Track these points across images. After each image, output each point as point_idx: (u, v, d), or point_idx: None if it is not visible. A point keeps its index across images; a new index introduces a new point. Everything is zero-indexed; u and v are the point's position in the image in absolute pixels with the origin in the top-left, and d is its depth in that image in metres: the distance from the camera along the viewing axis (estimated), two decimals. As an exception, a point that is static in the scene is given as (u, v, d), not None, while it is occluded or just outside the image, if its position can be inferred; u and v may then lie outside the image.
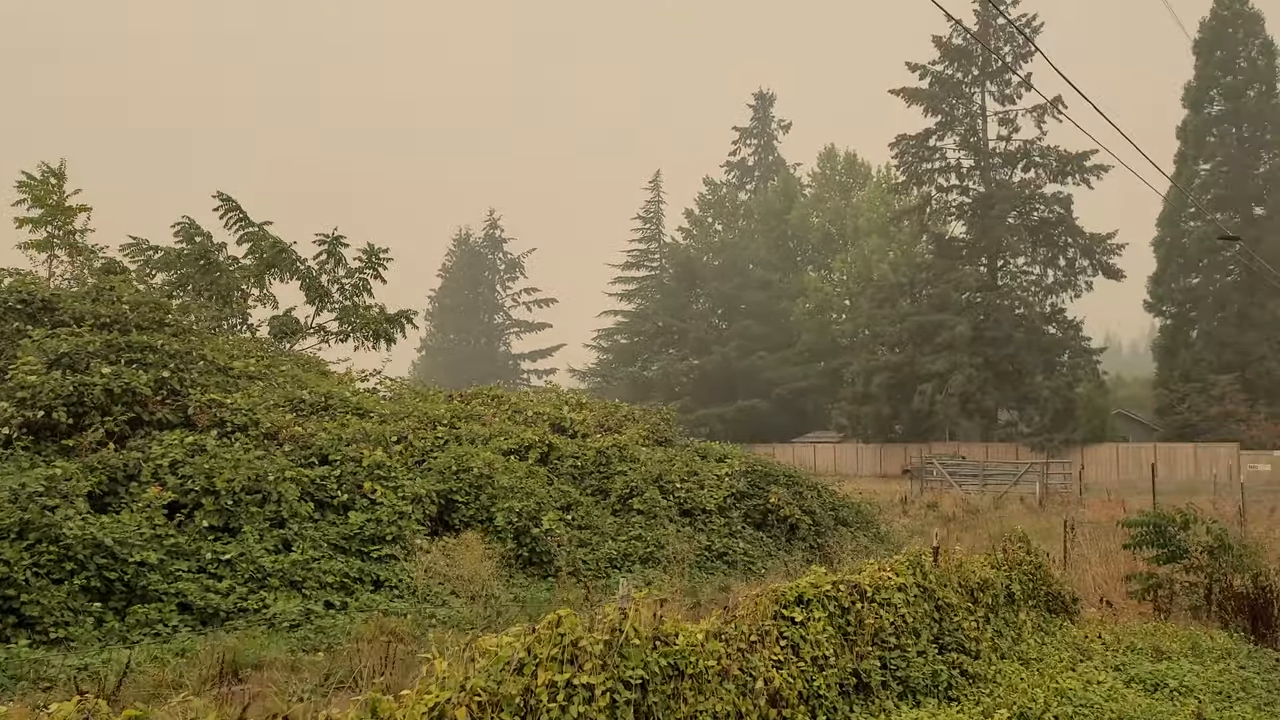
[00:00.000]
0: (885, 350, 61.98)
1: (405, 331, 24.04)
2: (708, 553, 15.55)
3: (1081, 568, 12.82)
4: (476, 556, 12.39)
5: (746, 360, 70.95)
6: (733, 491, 17.39)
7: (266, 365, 17.35)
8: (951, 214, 64.59)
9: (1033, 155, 60.10)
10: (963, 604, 8.13)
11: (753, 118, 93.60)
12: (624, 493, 16.34)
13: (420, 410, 17.04)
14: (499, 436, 17.06)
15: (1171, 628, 10.21)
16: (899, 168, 65.86)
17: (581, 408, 20.66)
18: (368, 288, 23.94)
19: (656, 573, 14.15)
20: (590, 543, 14.63)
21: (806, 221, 79.26)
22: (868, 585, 7.18)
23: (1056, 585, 10.28)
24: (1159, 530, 12.08)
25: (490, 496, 14.27)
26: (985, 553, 9.90)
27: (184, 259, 22.03)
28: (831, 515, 18.48)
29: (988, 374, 56.45)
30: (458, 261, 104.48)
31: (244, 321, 22.49)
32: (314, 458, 13.54)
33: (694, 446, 20.13)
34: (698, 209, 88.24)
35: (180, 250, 22.27)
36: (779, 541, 17.06)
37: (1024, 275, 61.54)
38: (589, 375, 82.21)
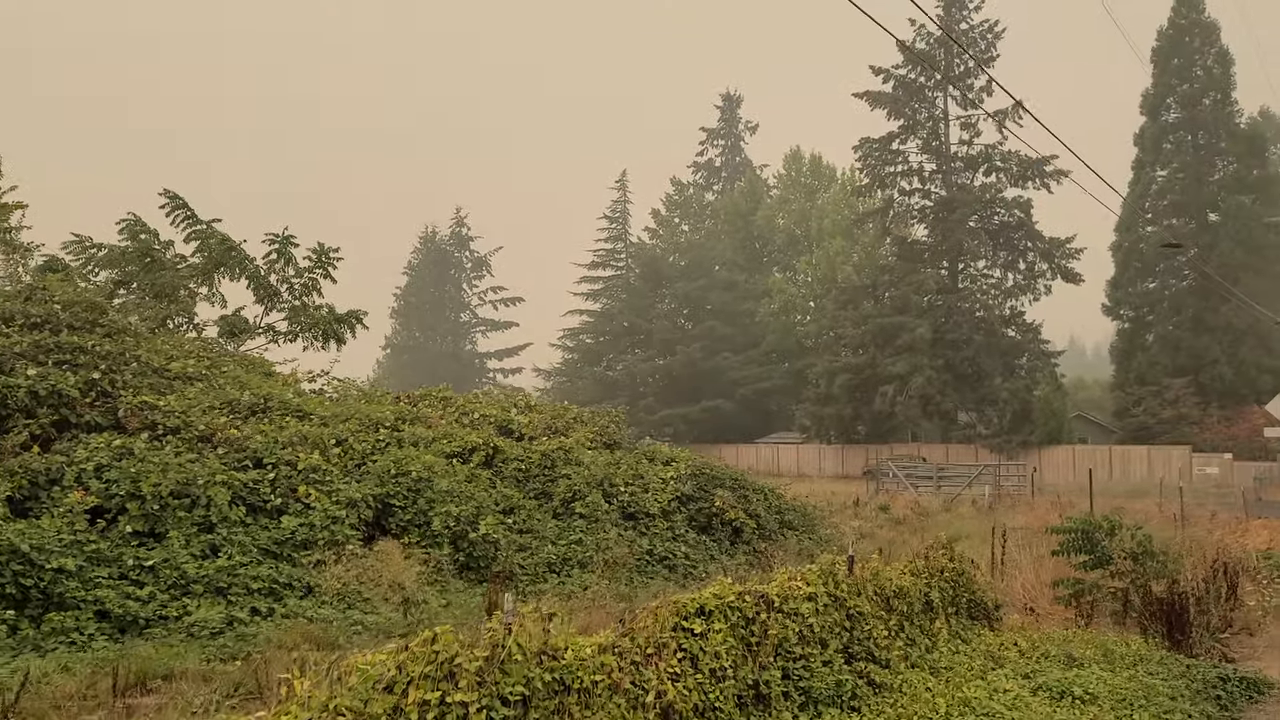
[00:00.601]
0: (848, 352, 62.39)
1: (355, 332, 23.85)
2: (649, 557, 15.56)
3: (1012, 574, 12.95)
4: (398, 563, 12.32)
5: (711, 361, 71.13)
6: (678, 495, 17.41)
7: (208, 366, 17.14)
8: (914, 217, 65.15)
9: (994, 160, 60.72)
10: (876, 613, 8.18)
11: (720, 119, 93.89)
12: (567, 496, 16.31)
13: (362, 413, 16.90)
14: (443, 439, 16.97)
15: (1090, 634, 10.34)
16: (862, 170, 66.33)
17: (531, 410, 20.61)
18: (317, 287, 23.72)
19: (594, 577, 14.14)
20: (530, 547, 14.59)
21: (772, 223, 79.60)
22: (775, 595, 7.20)
23: (980, 592, 10.37)
24: (1086, 537, 12.25)
25: (428, 501, 14.19)
26: (906, 560, 9.98)
27: (127, 257, 21.72)
28: (776, 519, 18.55)
29: (948, 376, 56.97)
30: (424, 259, 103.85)
31: (190, 321, 22.21)
32: (248, 461, 13.39)
33: (642, 449, 20.13)
34: (664, 209, 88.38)
35: (124, 248, 21.95)
36: (722, 545, 17.11)
37: (984, 278, 62.20)
38: (554, 375, 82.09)
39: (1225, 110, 59.59)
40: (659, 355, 73.37)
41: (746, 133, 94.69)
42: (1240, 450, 49.92)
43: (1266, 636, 11.64)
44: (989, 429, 58.42)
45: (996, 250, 61.10)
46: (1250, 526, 23.66)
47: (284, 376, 19.70)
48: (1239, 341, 55.33)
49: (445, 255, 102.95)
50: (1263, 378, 53.32)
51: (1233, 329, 55.35)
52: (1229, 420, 53.07)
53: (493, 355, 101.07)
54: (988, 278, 62.15)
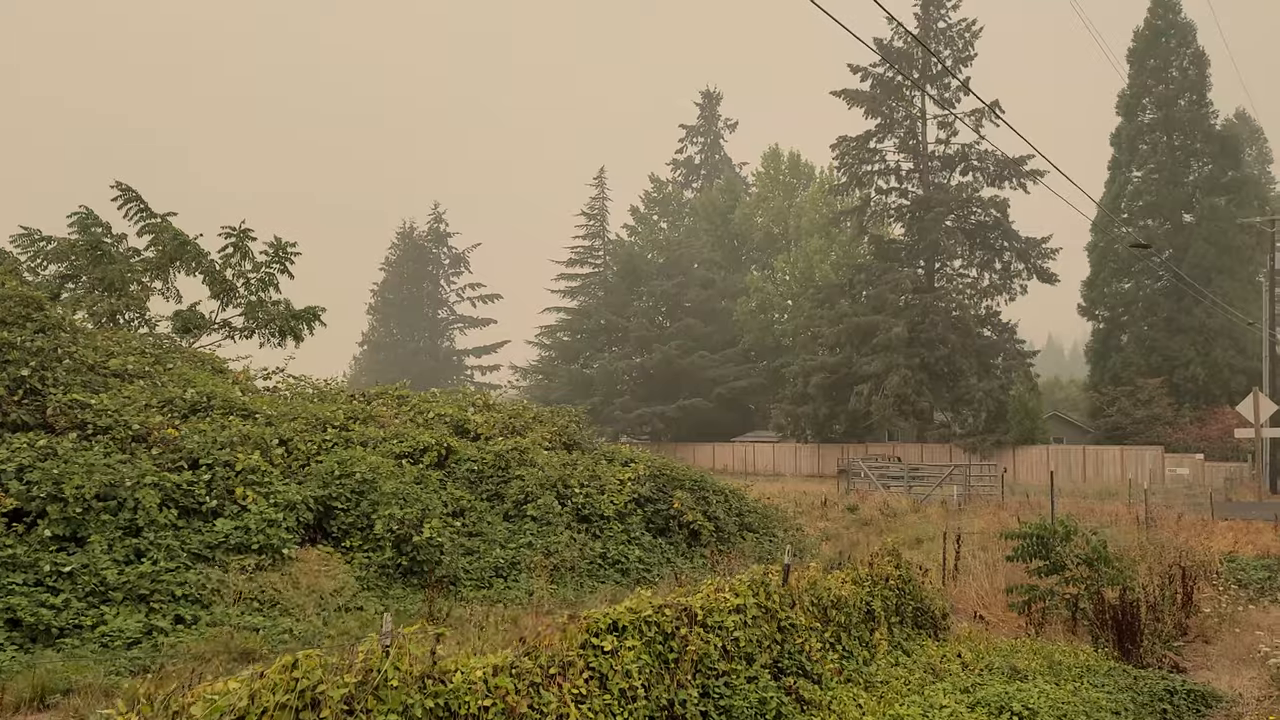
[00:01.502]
0: (825, 351, 62.25)
1: (312, 329, 23.37)
2: (601, 560, 15.21)
3: (967, 580, 12.69)
4: (337, 568, 11.93)
5: (688, 359, 70.87)
6: (635, 496, 17.07)
7: (152, 363, 16.66)
8: (891, 216, 65.03)
9: (971, 159, 60.68)
10: (811, 624, 7.87)
11: (699, 116, 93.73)
12: (519, 498, 15.94)
13: (310, 412, 16.46)
14: (393, 439, 16.56)
15: (1039, 644, 10.07)
16: (840, 169, 66.19)
17: (489, 409, 20.21)
18: (274, 283, 23.23)
19: (542, 582, 13.79)
20: (478, 550, 14.21)
21: (750, 221, 79.42)
22: (699, 608, 6.87)
23: (928, 600, 10.08)
24: (1040, 542, 12.00)
25: (372, 503, 13.79)
26: (848, 568, 9.68)
27: (76, 250, 21.18)
28: (736, 521, 18.24)
29: (923, 375, 56.88)
30: (401, 255, 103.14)
31: (142, 316, 21.68)
32: (183, 462, 12.95)
33: (602, 450, 19.78)
34: (643, 206, 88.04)
35: (73, 241, 21.41)
36: (679, 548, 16.78)
37: (960, 278, 62.15)
38: (530, 372, 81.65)
39: (1201, 111, 59.79)
40: (636, 353, 73.05)
41: (726, 130, 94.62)
42: (1212, 451, 50.08)
43: (1222, 644, 11.40)
44: (964, 429, 58.45)
45: (973, 250, 61.05)
46: (1216, 528, 23.56)
47: (236, 374, 19.23)
48: (1212, 342, 55.52)
49: (423, 252, 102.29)
50: (1235, 379, 53.54)
51: (1206, 330, 55.54)
52: (1202, 421, 53.25)
53: (470, 353, 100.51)
54: (964, 277, 62.12)
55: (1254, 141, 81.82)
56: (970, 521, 21.72)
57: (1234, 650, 10.91)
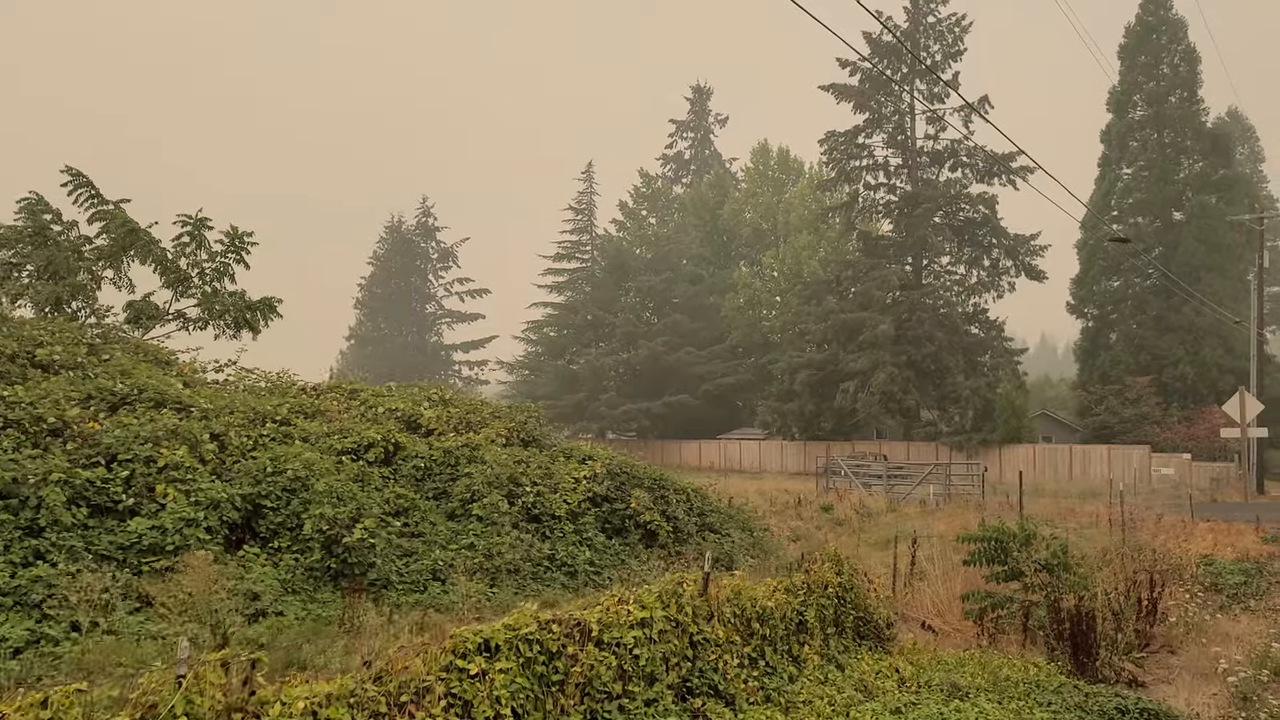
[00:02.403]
0: (812, 348, 61.66)
1: (268, 320, 22.67)
2: (549, 562, 14.57)
3: (922, 586, 12.08)
4: (260, 571, 11.29)
5: (675, 355, 70.24)
6: (590, 495, 16.43)
7: (86, 353, 15.99)
8: (879, 212, 64.45)
9: (960, 155, 60.11)
10: (730, 638, 7.24)
11: (689, 111, 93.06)
12: (465, 497, 15.30)
13: (249, 405, 15.80)
14: (337, 435, 15.90)
15: (989, 656, 9.46)
16: (828, 164, 65.60)
17: (446, 404, 19.55)
18: (230, 273, 22.55)
19: (482, 586, 13.15)
20: (416, 552, 13.57)
21: (739, 216, 78.77)
22: (595, 623, 6.23)
23: (873, 609, 9.46)
24: (998, 546, 11.39)
25: (303, 502, 13.13)
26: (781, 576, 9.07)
27: (20, 236, 20.47)
28: (696, 521, 17.61)
29: (910, 373, 56.33)
30: (389, 249, 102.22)
31: (89, 305, 21.00)
32: (100, 457, 12.29)
33: (561, 447, 19.14)
34: (632, 202, 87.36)
35: (20, 228, 20.70)
36: (634, 549, 16.15)
37: (948, 275, 61.60)
38: (516, 368, 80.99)
39: (1191, 108, 59.27)
40: (622, 349, 72.39)
41: (716, 125, 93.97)
42: (1200, 450, 49.58)
43: (1187, 655, 10.81)
44: (951, 427, 57.90)
45: (961, 246, 60.51)
46: (1196, 530, 22.99)
47: (182, 366, 18.56)
48: (1201, 341, 55.04)
49: (411, 245, 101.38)
50: (1224, 378, 53.04)
51: (1195, 329, 55.05)
52: (1190, 420, 52.76)
53: (459, 348, 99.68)
54: (952, 274, 61.60)
55: (1246, 140, 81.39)
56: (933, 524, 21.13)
57: (1198, 663, 10.31)
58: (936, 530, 17.16)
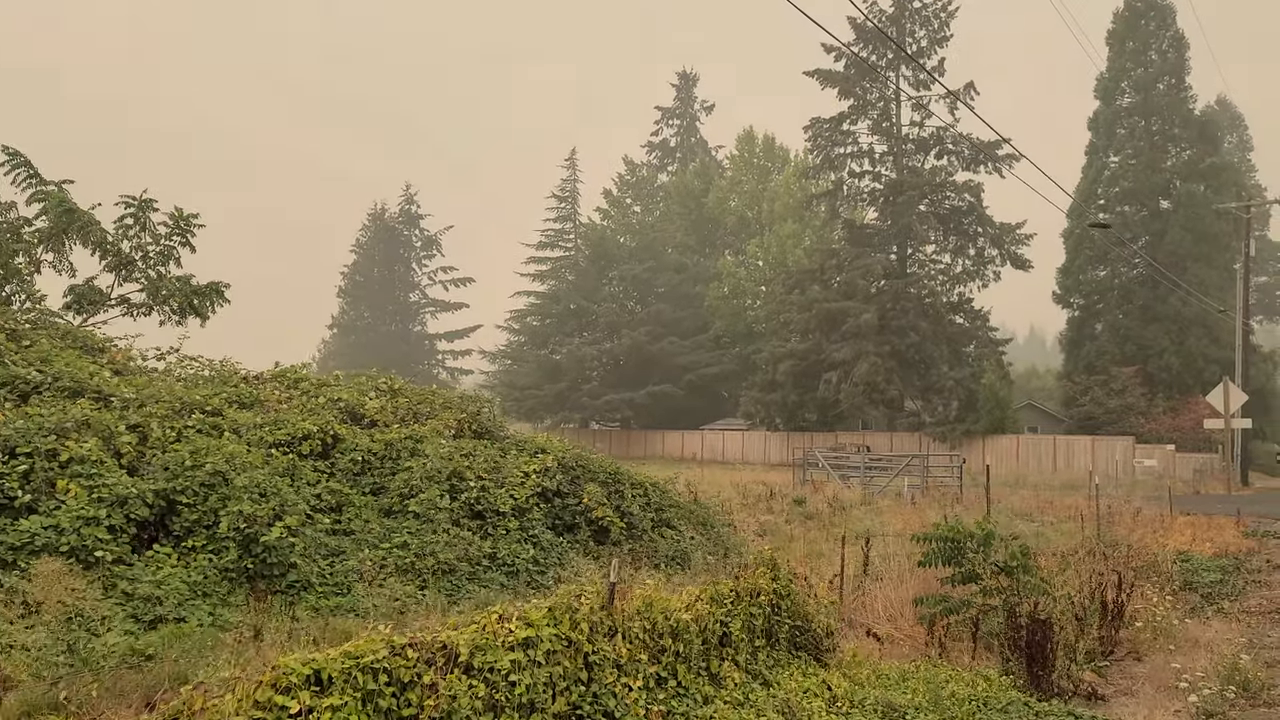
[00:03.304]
0: (795, 337, 60.93)
1: (215, 306, 21.80)
2: (490, 561, 13.79)
3: (876, 589, 11.34)
4: (140, 573, 10.49)
5: (658, 345, 69.48)
6: (539, 490, 15.64)
7: (4, 340, 15.13)
8: (864, 200, 63.71)
9: (945, 142, 59.36)
10: (634, 657, 6.48)
11: (675, 97, 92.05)
12: (404, 492, 14.50)
13: (177, 395, 14.96)
14: (271, 426, 15.07)
15: (938, 669, 8.72)
16: (813, 151, 64.80)
17: (394, 394, 18.73)
18: (175, 256, 21.65)
19: (410, 587, 12.38)
20: (344, 552, 12.77)
21: (724, 205, 77.93)
22: (465, 645, 5.45)
23: (812, 618, 8.71)
24: (954, 545, 10.65)
25: (221, 498, 12.31)
26: (704, 583, 8.31)
27: (-51, 219, 19.58)
28: (652, 517, 16.84)
29: (893, 363, 55.69)
30: (372, 237, 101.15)
31: (24, 289, 20.10)
32: (-2, 451, 11.45)
33: (515, 439, 18.33)
34: (616, 189, 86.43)
35: (-52, 210, 19.81)
36: (586, 547, 15.38)
37: (933, 264, 60.94)
38: (499, 357, 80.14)
39: (1180, 95, 58.58)
40: (605, 339, 71.60)
41: (702, 112, 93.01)
42: (1185, 442, 49.03)
43: (1152, 664, 10.10)
44: (934, 417, 57.28)
45: (946, 235, 59.83)
46: (1175, 524, 22.35)
47: (115, 353, 17.69)
48: (1186, 331, 54.46)
49: (394, 233, 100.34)
50: (1209, 368, 52.48)
51: (1181, 319, 54.47)
52: (1175, 411, 52.17)
53: (442, 337, 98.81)
54: (936, 263, 60.94)
55: (1234, 128, 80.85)
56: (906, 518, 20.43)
57: (1163, 673, 9.60)
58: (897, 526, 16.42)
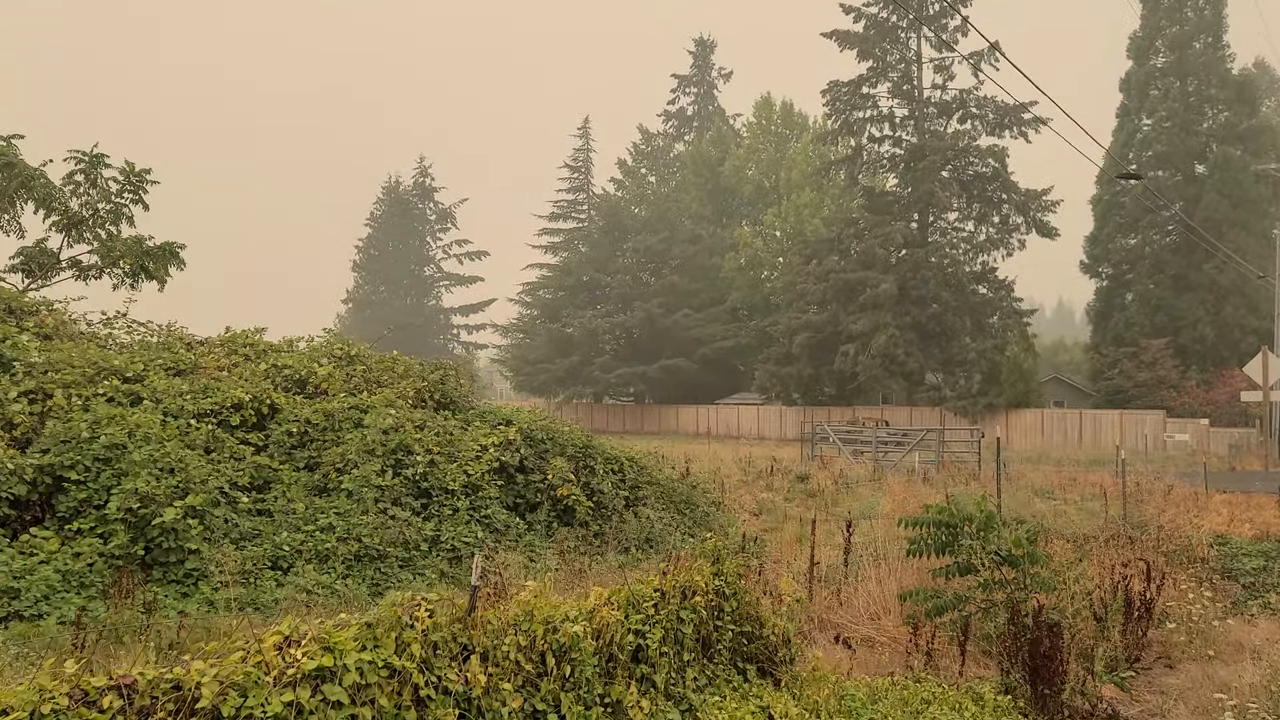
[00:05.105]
0: (813, 309, 58.93)
1: (169, 270, 20.36)
2: (431, 545, 12.27)
3: (857, 584, 9.70)
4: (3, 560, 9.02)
5: (672, 317, 67.69)
6: (497, 465, 14.11)
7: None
8: (884, 166, 61.42)
9: (969, 105, 56.96)
10: (495, 686, 4.89)
11: (692, 65, 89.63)
12: (339, 467, 13.01)
13: (94, 360, 13.52)
14: (197, 394, 13.61)
15: (916, 685, 7.08)
16: (831, 116, 62.53)
17: (351, 361, 17.22)
18: (127, 215, 20.23)
19: (331, 575, 10.88)
20: (259, 534, 11.30)
21: (741, 173, 75.76)
22: (210, 687, 3.86)
23: (765, 620, 7.09)
24: (948, 531, 8.99)
25: (116, 474, 10.85)
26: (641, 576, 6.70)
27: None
28: (626, 495, 15.27)
29: (913, 335, 53.70)
30: (387, 211, 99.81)
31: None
32: None
33: (480, 409, 16.81)
34: (631, 159, 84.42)
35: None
36: (549, 529, 13.84)
37: (955, 232, 58.67)
38: (511, 331, 78.72)
39: (1216, 54, 55.78)
40: (618, 311, 69.86)
41: (720, 80, 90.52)
42: (1220, 416, 46.80)
43: (1188, 674, 8.42)
44: (955, 391, 55.28)
45: (969, 202, 57.53)
46: (1210, 503, 20.50)
47: (45, 316, 16.29)
48: (1223, 300, 52.01)
49: (408, 206, 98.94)
50: (1246, 339, 50.13)
51: (1216, 287, 52.02)
52: (1209, 384, 49.90)
53: (457, 311, 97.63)
54: (959, 231, 58.65)
55: (1274, 92, 77.51)
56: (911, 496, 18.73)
57: (1201, 687, 7.92)
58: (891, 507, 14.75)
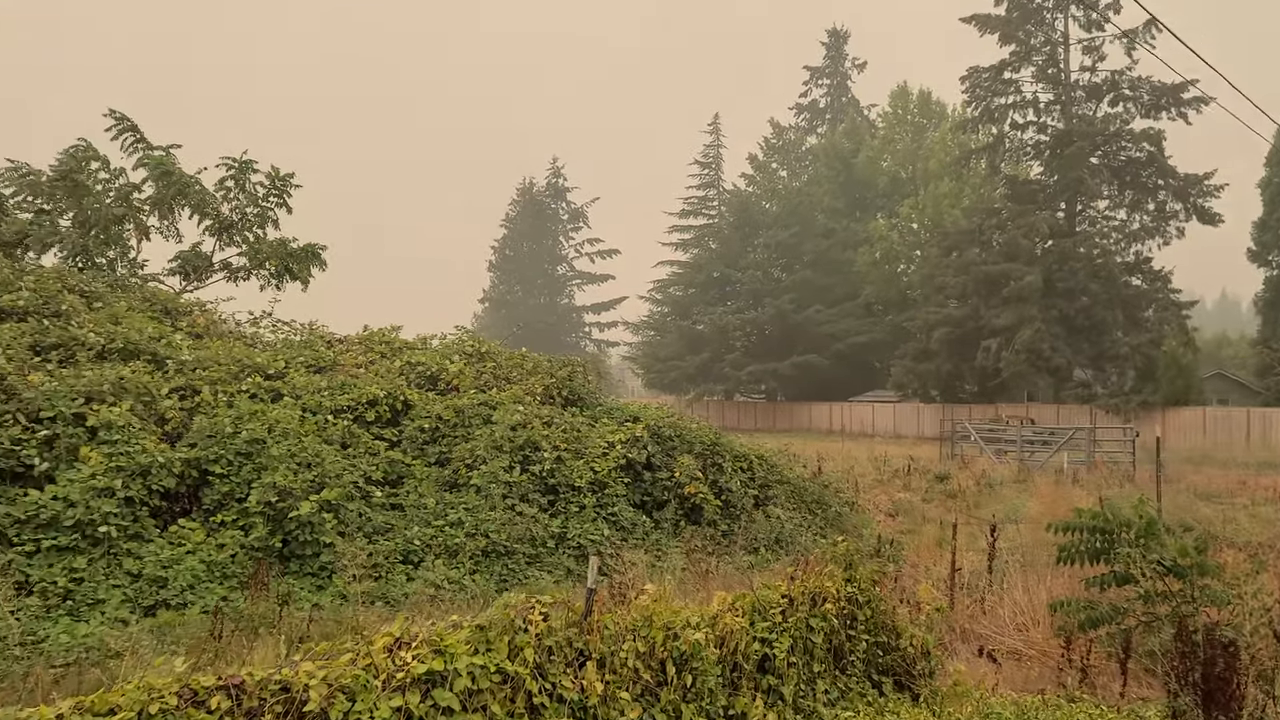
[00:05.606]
0: (952, 303, 56.89)
1: (311, 271, 21.08)
2: (558, 542, 12.22)
3: (1002, 593, 9.08)
4: (152, 550, 9.34)
5: (804, 313, 66.61)
6: (623, 463, 13.98)
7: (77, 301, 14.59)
8: (1027, 153, 58.73)
9: (1121, 87, 53.87)
10: (612, 695, 4.67)
11: (825, 56, 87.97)
12: (468, 463, 13.12)
13: (238, 357, 14.04)
14: (334, 390, 13.97)
15: (1070, 707, 6.50)
16: (970, 103, 60.18)
17: (482, 358, 17.42)
18: (272, 218, 21.07)
19: (459, 571, 10.93)
20: (391, 529, 11.46)
21: (875, 165, 73.83)
22: (318, 689, 3.76)
23: (901, 631, 6.66)
24: (1102, 538, 8.30)
25: (257, 468, 11.19)
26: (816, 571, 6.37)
27: (54, 185, 19.45)
28: (755, 494, 14.90)
29: (1059, 329, 51.16)
30: (521, 211, 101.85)
31: (124, 255, 19.86)
32: (21, 414, 10.64)
33: (607, 405, 16.73)
34: (761, 154, 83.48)
35: (52, 177, 19.70)
36: (674, 527, 13.62)
37: (1105, 220, 55.60)
38: (641, 328, 79.05)
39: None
40: (748, 307, 69.21)
41: (854, 71, 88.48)
42: None
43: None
44: (1107, 388, 52.36)
45: (1121, 189, 54.41)
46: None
47: (197, 316, 17.08)
48: None
49: (542, 207, 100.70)
50: None
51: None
52: (1396, 381, 45.77)
53: (589, 309, 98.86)
54: (1110, 220, 55.57)
55: None
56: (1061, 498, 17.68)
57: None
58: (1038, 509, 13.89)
